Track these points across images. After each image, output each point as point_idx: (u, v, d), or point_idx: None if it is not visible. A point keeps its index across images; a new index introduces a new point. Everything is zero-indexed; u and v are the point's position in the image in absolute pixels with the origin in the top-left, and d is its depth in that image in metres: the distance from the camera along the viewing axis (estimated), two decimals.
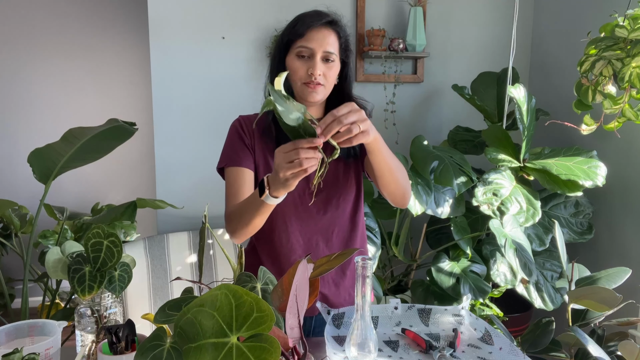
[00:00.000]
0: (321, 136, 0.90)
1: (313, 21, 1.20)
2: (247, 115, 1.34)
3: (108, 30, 3.36)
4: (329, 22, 1.21)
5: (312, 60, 1.19)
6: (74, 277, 1.02)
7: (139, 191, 3.37)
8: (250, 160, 1.26)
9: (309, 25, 1.19)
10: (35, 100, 3.31)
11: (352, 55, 1.29)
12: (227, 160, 1.26)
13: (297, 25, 1.21)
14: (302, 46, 1.19)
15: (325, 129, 0.91)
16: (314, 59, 1.19)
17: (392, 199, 1.26)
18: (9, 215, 2.33)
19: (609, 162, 1.92)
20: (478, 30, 2.47)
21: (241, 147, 1.26)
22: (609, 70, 1.51)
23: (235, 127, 1.30)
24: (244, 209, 1.14)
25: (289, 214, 1.27)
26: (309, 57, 1.20)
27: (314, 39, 1.19)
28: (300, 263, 0.78)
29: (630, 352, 1.32)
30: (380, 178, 1.18)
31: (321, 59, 1.20)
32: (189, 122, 2.21)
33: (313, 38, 1.19)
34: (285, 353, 0.73)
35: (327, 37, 1.20)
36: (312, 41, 1.19)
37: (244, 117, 1.32)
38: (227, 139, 1.30)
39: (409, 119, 2.44)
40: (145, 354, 0.65)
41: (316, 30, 1.19)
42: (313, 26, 1.19)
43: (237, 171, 1.25)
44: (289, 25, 1.25)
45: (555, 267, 2.02)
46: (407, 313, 1.21)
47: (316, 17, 1.21)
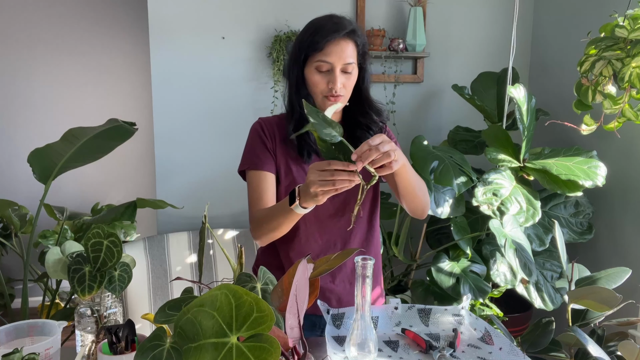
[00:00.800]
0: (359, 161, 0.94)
1: (331, 34, 1.17)
2: (267, 117, 1.34)
3: (108, 30, 3.36)
4: (348, 33, 1.19)
5: (332, 74, 1.19)
6: (74, 277, 1.02)
7: (139, 191, 3.37)
8: (272, 164, 1.27)
9: (328, 38, 1.17)
10: (35, 100, 3.31)
11: (369, 58, 1.28)
12: (248, 163, 1.27)
13: (316, 38, 1.18)
14: (321, 60, 1.18)
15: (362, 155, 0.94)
16: (334, 73, 1.18)
17: (411, 212, 1.30)
18: (9, 215, 2.33)
19: (609, 162, 1.92)
20: (478, 30, 2.47)
21: (262, 151, 1.27)
22: (609, 70, 1.51)
23: (257, 130, 1.29)
24: (272, 215, 1.16)
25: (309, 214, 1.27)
26: (328, 70, 1.19)
27: (333, 52, 1.17)
28: (300, 263, 0.78)
29: (630, 352, 1.32)
30: (404, 197, 1.23)
31: (341, 71, 1.19)
32: (189, 122, 2.21)
33: (332, 52, 1.17)
34: (285, 353, 0.73)
35: (346, 49, 1.18)
36: (331, 55, 1.17)
37: (264, 120, 1.32)
38: (248, 142, 1.31)
39: (409, 119, 2.44)
40: (145, 354, 0.65)
41: (335, 43, 1.17)
42: (332, 39, 1.17)
43: (259, 175, 1.26)
44: (305, 35, 1.21)
45: (555, 267, 2.02)
46: (407, 313, 1.21)
47: (335, 30, 1.18)
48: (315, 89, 1.21)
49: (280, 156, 1.27)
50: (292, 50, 1.25)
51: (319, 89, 1.21)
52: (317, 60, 1.18)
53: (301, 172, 1.27)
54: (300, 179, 1.26)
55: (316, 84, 1.20)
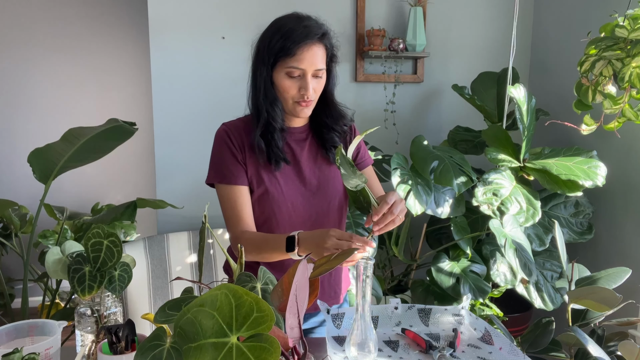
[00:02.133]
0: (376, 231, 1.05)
1: (303, 38, 1.14)
2: (231, 122, 1.29)
3: (108, 30, 3.36)
4: (320, 38, 1.16)
5: (304, 80, 1.16)
6: (74, 277, 1.02)
7: (139, 191, 3.37)
8: (244, 177, 1.24)
9: (299, 43, 1.13)
10: (35, 100, 3.31)
11: (337, 59, 1.26)
12: (219, 177, 1.24)
13: (287, 43, 1.14)
14: (292, 66, 1.15)
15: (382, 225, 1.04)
16: (306, 78, 1.16)
17: None
18: (9, 215, 2.33)
19: (609, 162, 1.92)
20: (478, 30, 2.47)
21: (234, 164, 1.23)
22: (609, 70, 1.51)
23: (224, 140, 1.25)
24: (263, 248, 1.16)
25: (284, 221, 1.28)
26: (299, 75, 1.17)
27: (305, 58, 1.14)
28: (300, 263, 0.78)
29: (630, 352, 1.32)
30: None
31: (312, 77, 1.17)
32: (189, 122, 2.21)
33: (304, 58, 1.14)
34: (285, 353, 0.73)
35: (317, 54, 1.16)
36: (303, 61, 1.14)
37: (229, 126, 1.27)
38: (215, 151, 1.26)
39: (409, 119, 2.44)
40: (145, 354, 0.65)
41: (307, 48, 1.14)
42: (304, 44, 1.14)
43: (234, 190, 1.23)
44: (274, 38, 1.16)
45: (555, 267, 2.02)
46: (407, 313, 1.21)
47: (306, 34, 1.14)
48: (286, 94, 1.19)
49: (250, 166, 1.24)
50: (259, 51, 1.20)
51: (290, 95, 1.19)
52: (288, 65, 1.15)
53: (273, 180, 1.25)
54: (272, 188, 1.24)
55: (287, 89, 1.18)
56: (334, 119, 1.29)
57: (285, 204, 1.25)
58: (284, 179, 1.26)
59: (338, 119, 1.29)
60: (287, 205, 1.26)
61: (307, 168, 1.29)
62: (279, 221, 1.27)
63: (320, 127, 1.30)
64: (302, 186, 1.28)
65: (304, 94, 1.17)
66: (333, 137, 1.30)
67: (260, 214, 1.27)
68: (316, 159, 1.30)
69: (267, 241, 1.16)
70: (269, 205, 1.25)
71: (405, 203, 1.79)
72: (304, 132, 1.30)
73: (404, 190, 1.82)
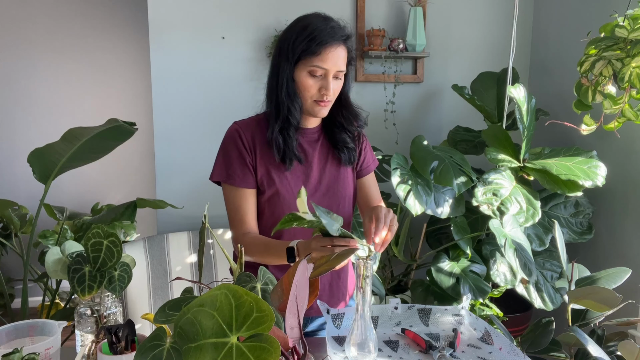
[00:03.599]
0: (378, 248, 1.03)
1: (329, 39, 1.15)
2: (243, 121, 1.29)
3: (108, 30, 3.36)
4: (344, 40, 1.18)
5: (325, 80, 1.17)
6: (74, 277, 1.02)
7: (139, 191, 3.37)
8: (252, 180, 1.24)
9: (326, 43, 1.15)
10: (35, 100, 3.31)
11: (354, 62, 1.27)
12: (225, 176, 1.24)
13: (312, 42, 1.15)
14: (316, 66, 1.16)
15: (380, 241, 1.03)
16: (327, 79, 1.17)
17: None
18: (9, 215, 2.33)
19: (609, 162, 1.92)
20: (478, 30, 2.47)
21: (241, 166, 1.23)
22: (609, 70, 1.51)
23: (234, 139, 1.24)
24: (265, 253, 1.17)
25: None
26: (321, 75, 1.18)
27: (330, 59, 1.15)
28: (300, 263, 0.78)
29: (630, 352, 1.32)
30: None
31: (333, 77, 1.18)
32: (189, 122, 2.21)
33: (329, 58, 1.15)
34: (285, 353, 0.73)
35: (341, 55, 1.17)
36: (327, 61, 1.15)
37: (241, 125, 1.27)
38: (223, 149, 1.26)
39: (409, 119, 2.44)
40: (145, 354, 0.65)
41: (333, 49, 1.15)
42: (330, 45, 1.15)
43: (239, 193, 1.24)
44: (300, 36, 1.17)
45: (555, 267, 2.02)
46: (407, 313, 1.21)
47: (332, 35, 1.16)
48: (306, 93, 1.19)
49: (261, 167, 1.24)
50: (283, 48, 1.20)
51: (310, 94, 1.19)
52: (312, 64, 1.16)
53: (284, 180, 1.25)
54: (283, 188, 1.24)
55: (308, 88, 1.18)
56: (348, 119, 1.29)
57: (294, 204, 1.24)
58: (294, 179, 1.26)
59: (352, 119, 1.30)
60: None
61: (318, 169, 1.29)
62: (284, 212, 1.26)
63: (333, 127, 1.30)
64: (313, 187, 1.28)
65: (325, 94, 1.18)
66: (345, 138, 1.30)
67: (270, 215, 1.26)
68: (327, 160, 1.31)
69: (268, 248, 1.16)
70: (279, 206, 1.25)
71: (405, 203, 1.80)
72: (316, 132, 1.31)
73: (404, 190, 1.82)
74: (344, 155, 1.30)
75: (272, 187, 1.24)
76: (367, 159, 1.39)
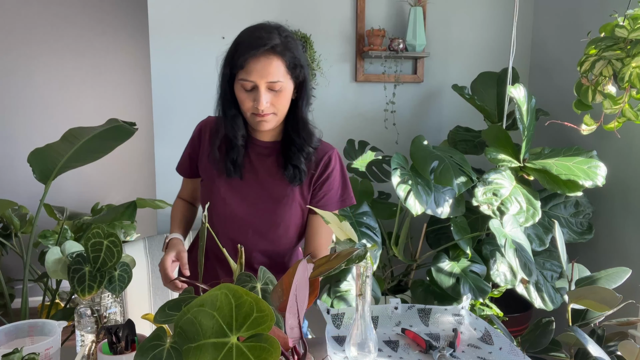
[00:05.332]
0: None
1: (250, 50, 1.11)
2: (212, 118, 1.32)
3: (108, 30, 3.36)
4: (270, 49, 1.11)
5: (257, 92, 1.13)
6: (74, 277, 1.02)
7: (139, 191, 3.37)
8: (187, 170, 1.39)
9: (247, 55, 1.11)
10: (35, 100, 3.31)
11: (305, 70, 1.19)
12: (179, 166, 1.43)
13: (236, 55, 1.13)
14: (244, 79, 1.12)
15: None
16: (258, 91, 1.12)
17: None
18: (9, 215, 2.33)
19: (609, 162, 1.92)
20: (478, 30, 2.47)
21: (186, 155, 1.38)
22: (609, 70, 1.51)
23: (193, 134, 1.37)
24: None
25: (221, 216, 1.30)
26: (252, 88, 1.13)
27: (254, 70, 1.11)
28: (300, 263, 0.78)
29: (630, 352, 1.32)
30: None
31: (266, 89, 1.13)
32: (189, 122, 2.20)
33: (253, 70, 1.11)
34: (285, 353, 0.73)
35: (268, 66, 1.11)
36: (252, 73, 1.11)
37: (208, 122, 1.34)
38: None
39: (409, 119, 2.44)
40: (145, 354, 0.65)
41: (255, 60, 1.10)
42: (251, 56, 1.10)
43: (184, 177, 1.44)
44: (230, 51, 1.17)
45: (555, 267, 2.02)
46: (407, 313, 1.21)
47: (253, 45, 1.11)
48: (243, 106, 1.17)
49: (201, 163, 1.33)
50: (221, 65, 1.20)
51: (246, 107, 1.16)
52: (240, 78, 1.13)
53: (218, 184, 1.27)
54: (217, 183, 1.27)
55: (242, 102, 1.16)
56: (301, 137, 1.22)
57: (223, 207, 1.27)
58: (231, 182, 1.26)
59: (304, 136, 1.22)
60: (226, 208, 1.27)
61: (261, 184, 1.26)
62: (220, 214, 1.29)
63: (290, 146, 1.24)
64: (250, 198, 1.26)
65: (257, 107, 1.13)
66: (293, 156, 1.22)
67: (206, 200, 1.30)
68: (275, 177, 1.26)
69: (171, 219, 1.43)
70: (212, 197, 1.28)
71: (406, 203, 1.81)
72: (268, 147, 1.27)
73: (404, 190, 1.82)
74: (288, 172, 1.23)
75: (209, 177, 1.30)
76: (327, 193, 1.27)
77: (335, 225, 0.94)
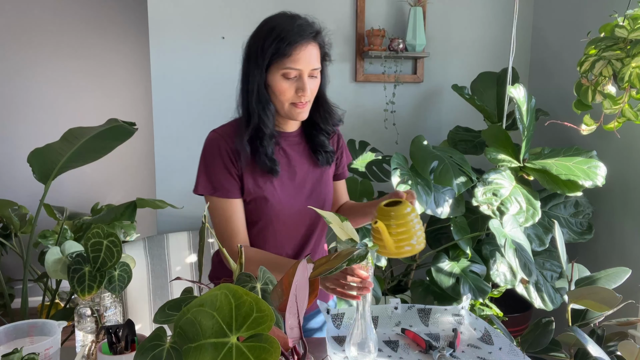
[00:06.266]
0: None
1: (298, 38, 1.11)
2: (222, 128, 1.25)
3: (108, 30, 3.36)
4: (314, 36, 1.14)
5: (301, 81, 1.13)
6: (73, 277, 1.02)
7: (139, 191, 3.37)
8: (237, 190, 1.21)
9: (295, 43, 1.10)
10: (35, 100, 3.31)
11: (329, 58, 1.23)
12: (211, 189, 1.21)
13: (281, 43, 1.11)
14: (289, 67, 1.11)
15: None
16: (302, 79, 1.13)
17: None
18: (9, 215, 2.33)
19: (609, 162, 1.92)
20: (478, 30, 2.47)
21: (226, 177, 1.19)
22: (609, 70, 1.51)
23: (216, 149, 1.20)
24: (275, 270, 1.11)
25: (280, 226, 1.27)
26: (296, 77, 1.13)
27: (301, 58, 1.11)
28: (300, 263, 0.78)
29: (630, 352, 1.32)
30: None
31: (308, 77, 1.14)
32: (189, 122, 2.21)
33: (300, 58, 1.11)
34: (285, 353, 0.73)
35: (313, 53, 1.13)
36: (299, 62, 1.11)
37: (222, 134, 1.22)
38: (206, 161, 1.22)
39: (409, 119, 2.44)
40: (145, 354, 0.65)
41: (303, 47, 1.11)
42: (299, 44, 1.11)
43: (228, 204, 1.20)
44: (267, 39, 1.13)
45: (555, 267, 2.02)
46: (407, 313, 1.21)
47: (301, 33, 1.11)
48: (282, 97, 1.15)
49: (247, 175, 1.20)
50: (252, 54, 1.16)
51: (286, 97, 1.15)
52: (284, 67, 1.12)
53: (270, 186, 1.22)
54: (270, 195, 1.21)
55: (283, 92, 1.14)
56: (325, 119, 1.27)
57: (282, 211, 1.24)
58: (281, 185, 1.24)
59: (328, 118, 1.27)
60: (284, 212, 1.24)
61: (302, 172, 1.28)
62: (276, 227, 1.25)
63: (311, 129, 1.28)
64: (297, 190, 1.27)
65: (302, 95, 1.14)
66: (323, 141, 1.28)
67: (257, 220, 1.24)
68: (310, 162, 1.30)
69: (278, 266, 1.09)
70: (266, 213, 1.22)
71: None
72: (297, 135, 1.29)
73: (403, 190, 1.82)
74: (322, 158, 1.28)
75: (260, 193, 1.21)
76: (344, 162, 1.41)
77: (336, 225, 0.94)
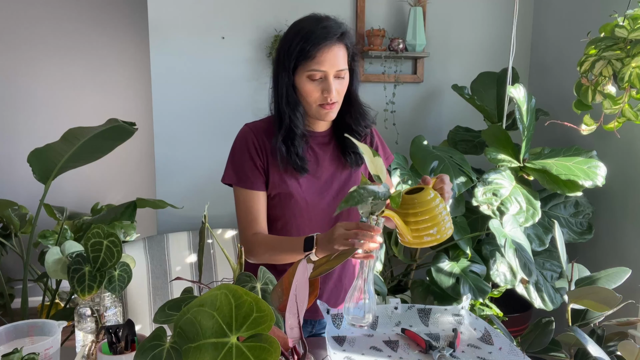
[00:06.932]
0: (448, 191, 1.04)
1: (322, 40, 1.12)
2: (255, 123, 1.29)
3: (108, 30, 3.36)
4: (339, 38, 1.14)
5: (326, 82, 1.15)
6: (73, 277, 1.02)
7: (139, 191, 3.36)
8: (261, 183, 1.24)
9: (319, 45, 1.12)
10: (35, 100, 3.31)
11: (358, 58, 1.24)
12: (237, 179, 1.25)
13: (306, 45, 1.12)
14: (314, 69, 1.13)
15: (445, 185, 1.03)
16: (328, 80, 1.15)
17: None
18: (9, 215, 2.33)
19: (609, 162, 1.92)
20: (478, 30, 2.47)
21: (252, 170, 1.23)
22: (609, 70, 1.51)
23: (245, 143, 1.24)
24: (279, 249, 1.16)
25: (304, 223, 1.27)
26: (321, 78, 1.15)
27: (326, 60, 1.13)
28: (300, 263, 0.78)
29: (630, 352, 1.32)
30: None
31: (334, 78, 1.16)
32: (189, 122, 2.21)
33: (325, 60, 1.13)
34: (285, 353, 0.73)
35: (338, 54, 1.14)
36: (324, 63, 1.13)
37: (253, 128, 1.26)
38: (235, 152, 1.26)
39: (409, 119, 2.44)
40: (145, 354, 0.65)
41: (328, 49, 1.12)
42: (324, 45, 1.12)
43: (250, 195, 1.24)
44: (293, 41, 1.15)
45: (555, 267, 2.02)
46: (407, 313, 1.21)
47: (325, 35, 1.12)
48: (309, 98, 1.17)
49: (274, 170, 1.23)
50: (279, 57, 1.19)
51: (313, 99, 1.17)
52: (309, 69, 1.14)
53: (295, 183, 1.24)
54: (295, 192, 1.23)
55: (310, 93, 1.16)
56: (356, 120, 1.26)
57: (307, 208, 1.25)
58: (306, 183, 1.25)
59: (360, 119, 1.27)
60: (309, 209, 1.26)
61: (329, 172, 1.28)
62: (299, 224, 1.26)
63: (342, 130, 1.27)
64: (324, 190, 1.27)
65: (327, 97, 1.15)
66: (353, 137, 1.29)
67: (281, 215, 1.26)
68: (338, 163, 1.30)
69: (281, 243, 1.17)
70: (289, 209, 1.25)
71: None
72: (327, 135, 1.30)
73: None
74: (350, 159, 1.29)
75: (285, 189, 1.23)
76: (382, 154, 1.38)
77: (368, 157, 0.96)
